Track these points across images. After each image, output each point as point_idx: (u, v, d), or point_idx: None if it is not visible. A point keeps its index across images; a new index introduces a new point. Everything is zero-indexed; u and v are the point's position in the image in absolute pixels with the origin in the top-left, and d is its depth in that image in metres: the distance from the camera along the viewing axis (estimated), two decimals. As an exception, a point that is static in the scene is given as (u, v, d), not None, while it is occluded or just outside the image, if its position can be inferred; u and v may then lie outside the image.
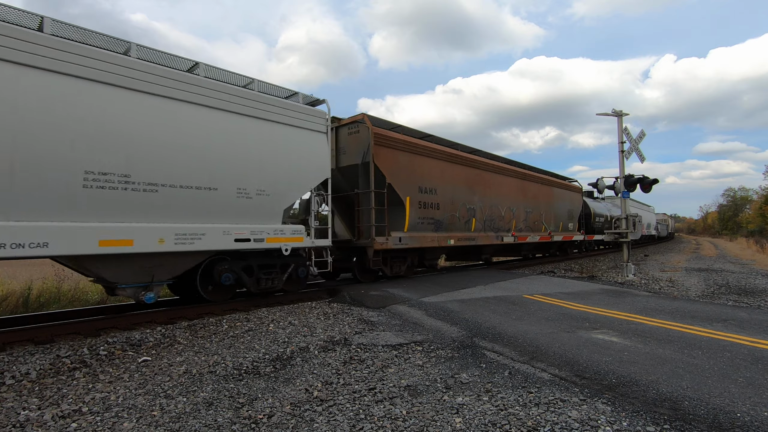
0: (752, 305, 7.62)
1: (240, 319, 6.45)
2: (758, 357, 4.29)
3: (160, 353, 4.85)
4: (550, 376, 3.96)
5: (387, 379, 3.96)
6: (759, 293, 9.10)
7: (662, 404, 3.27)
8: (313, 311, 7.01)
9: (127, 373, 4.21)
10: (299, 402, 3.49)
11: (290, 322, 6.20)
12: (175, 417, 3.24)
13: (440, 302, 7.34)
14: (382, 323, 6.15)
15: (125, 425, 3.11)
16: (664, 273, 13.39)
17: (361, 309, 7.16)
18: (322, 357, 4.66)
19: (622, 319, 6.11)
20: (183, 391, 3.72)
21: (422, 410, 3.28)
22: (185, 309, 6.90)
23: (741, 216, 79.77)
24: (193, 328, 5.92)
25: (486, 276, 11.02)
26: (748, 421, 2.94)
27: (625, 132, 12.41)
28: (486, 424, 3.03)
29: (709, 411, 3.12)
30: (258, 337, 5.43)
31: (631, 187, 12.56)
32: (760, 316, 6.27)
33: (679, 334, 5.20)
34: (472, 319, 6.10)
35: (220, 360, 4.56)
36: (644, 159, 12.76)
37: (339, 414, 3.25)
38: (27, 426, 3.09)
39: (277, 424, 3.12)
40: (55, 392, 3.72)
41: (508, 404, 3.35)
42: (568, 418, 3.07)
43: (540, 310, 6.78)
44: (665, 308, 6.87)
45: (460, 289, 8.77)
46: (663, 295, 8.81)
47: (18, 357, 4.63)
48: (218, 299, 7.30)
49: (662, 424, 2.97)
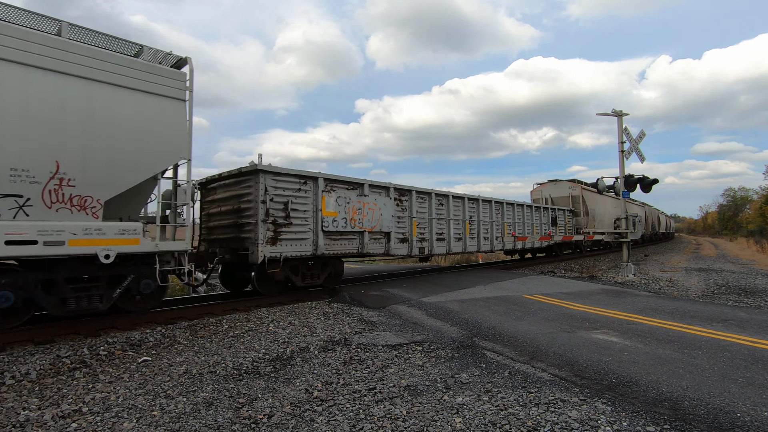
0: (752, 305, 7.62)
1: (240, 319, 6.45)
2: (758, 357, 4.29)
3: (160, 353, 4.85)
4: (550, 376, 3.96)
5: (387, 379, 3.96)
6: (759, 293, 9.10)
7: (662, 404, 3.27)
8: (313, 311, 7.01)
9: (127, 373, 4.21)
10: (299, 402, 3.49)
11: (290, 322, 6.20)
12: (175, 417, 3.23)
13: (440, 302, 7.34)
14: (382, 323, 6.15)
15: (125, 425, 3.11)
16: (664, 273, 13.39)
17: (361, 309, 7.16)
18: (322, 357, 4.66)
19: (622, 319, 6.11)
20: (183, 391, 3.72)
21: (422, 410, 3.28)
22: (185, 309, 6.89)
23: (741, 216, 79.79)
24: (193, 328, 5.92)
25: (486, 276, 11.01)
26: (748, 421, 2.94)
27: (625, 132, 12.41)
28: (486, 424, 3.03)
29: (709, 411, 3.12)
30: (258, 337, 5.42)
31: (631, 187, 12.56)
32: (760, 316, 6.27)
33: (679, 334, 5.20)
34: (472, 319, 6.10)
35: (220, 360, 4.56)
36: (644, 159, 12.77)
37: (339, 414, 3.25)
38: (27, 426, 3.09)
39: (277, 424, 3.12)
40: (55, 392, 3.72)
41: (508, 404, 3.35)
42: (568, 418, 3.07)
43: (540, 310, 6.78)
44: (665, 308, 6.87)
45: (460, 289, 8.77)
46: (663, 295, 8.81)
47: (18, 357, 4.63)
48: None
49: (662, 424, 2.97)
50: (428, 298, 7.72)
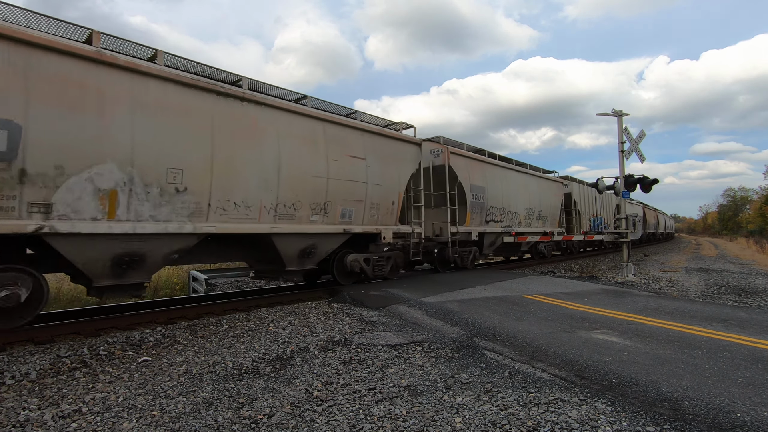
0: (752, 305, 7.62)
1: (240, 319, 6.45)
2: (758, 357, 4.29)
3: (160, 353, 4.85)
4: (550, 376, 3.96)
5: (387, 379, 3.96)
6: (759, 293, 9.10)
7: (662, 404, 3.27)
8: (313, 311, 7.01)
9: (127, 373, 4.21)
10: (299, 402, 3.49)
11: (290, 322, 6.20)
12: (175, 417, 3.24)
13: (440, 302, 7.34)
14: (382, 323, 6.15)
15: (125, 425, 3.11)
16: (664, 273, 13.39)
17: (361, 309, 7.16)
18: (322, 357, 4.66)
19: (622, 319, 6.11)
20: (183, 391, 3.72)
21: (422, 410, 3.28)
22: (185, 309, 6.90)
23: (741, 216, 79.77)
24: (193, 328, 5.92)
25: (486, 276, 11.01)
26: (748, 421, 2.94)
27: (625, 132, 12.41)
28: (486, 424, 3.03)
29: (709, 411, 3.12)
30: (258, 337, 5.42)
31: (631, 187, 12.55)
32: (760, 316, 6.27)
33: (679, 334, 5.20)
34: (472, 319, 6.09)
35: (220, 360, 4.56)
36: (644, 159, 12.76)
37: (339, 414, 3.26)
38: (27, 426, 3.09)
39: (277, 424, 3.12)
40: (55, 392, 3.72)
41: (508, 404, 3.35)
42: (568, 418, 3.07)
43: (540, 310, 6.77)
44: (665, 308, 6.87)
45: (460, 289, 8.77)
46: (663, 295, 8.81)
47: (18, 357, 4.63)
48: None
49: (662, 424, 2.97)
50: (428, 298, 7.72)
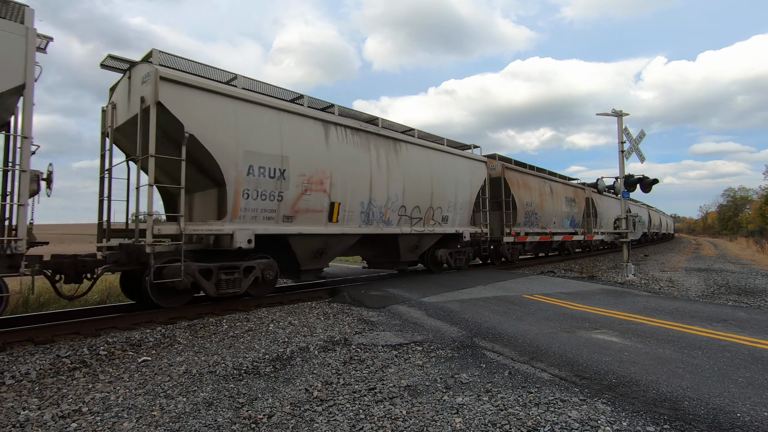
0: (752, 305, 7.62)
1: (240, 319, 6.44)
2: (758, 357, 4.29)
3: (160, 353, 4.85)
4: (550, 376, 3.96)
5: (387, 379, 3.96)
6: (759, 293, 9.10)
7: (662, 404, 3.27)
8: (313, 311, 7.01)
9: (127, 373, 4.21)
10: (299, 402, 3.49)
11: (290, 322, 6.19)
12: (175, 417, 3.23)
13: (440, 302, 7.34)
14: (382, 323, 6.15)
15: (125, 425, 3.11)
16: (664, 273, 13.39)
17: (361, 309, 7.16)
18: (322, 357, 4.66)
19: (622, 319, 6.11)
20: (183, 391, 3.72)
21: (422, 410, 3.28)
22: (185, 309, 6.89)
23: (741, 216, 79.77)
24: (193, 328, 5.91)
25: (486, 276, 11.01)
26: (748, 421, 2.94)
27: (625, 132, 12.41)
28: (486, 424, 3.03)
29: (709, 411, 3.12)
30: (258, 337, 5.42)
31: (631, 187, 12.55)
32: (760, 316, 6.27)
33: (679, 334, 5.20)
34: (472, 319, 6.09)
35: (220, 360, 4.56)
36: (644, 159, 12.76)
37: (339, 414, 3.25)
38: (27, 426, 3.09)
39: (277, 424, 3.12)
40: (55, 392, 3.72)
41: (508, 404, 3.35)
42: (568, 418, 3.07)
43: (540, 310, 6.78)
44: (665, 308, 6.87)
45: (460, 289, 8.77)
46: (663, 295, 8.81)
47: (18, 357, 4.63)
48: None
49: (662, 424, 2.97)
50: (428, 298, 7.72)
